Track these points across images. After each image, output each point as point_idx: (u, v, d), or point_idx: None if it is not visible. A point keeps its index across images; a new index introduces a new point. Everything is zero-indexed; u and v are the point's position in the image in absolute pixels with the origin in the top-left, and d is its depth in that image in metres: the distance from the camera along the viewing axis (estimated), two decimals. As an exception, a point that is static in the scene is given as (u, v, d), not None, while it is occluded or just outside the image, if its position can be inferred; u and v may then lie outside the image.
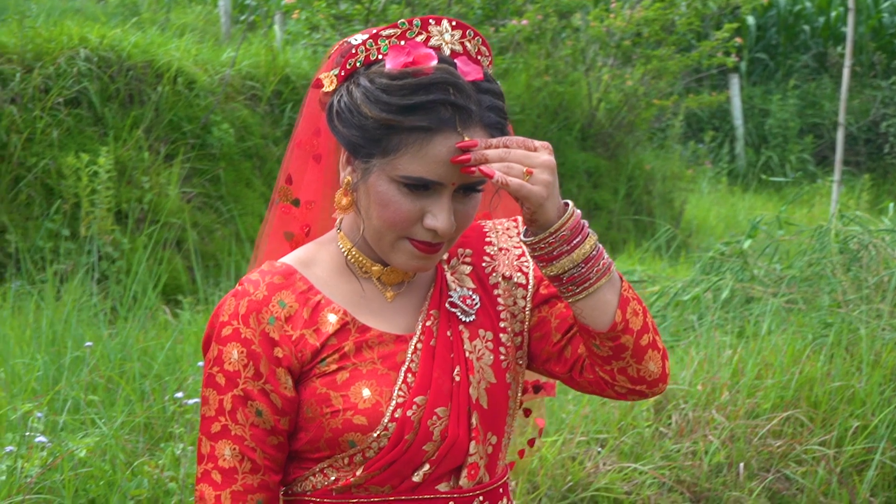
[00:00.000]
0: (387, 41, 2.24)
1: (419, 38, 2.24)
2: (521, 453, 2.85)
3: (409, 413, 2.25)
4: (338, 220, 2.39)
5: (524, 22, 11.51)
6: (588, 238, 2.23)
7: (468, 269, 2.43)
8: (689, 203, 13.83)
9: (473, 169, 2.15)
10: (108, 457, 4.08)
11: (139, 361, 5.17)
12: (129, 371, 5.01)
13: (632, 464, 4.91)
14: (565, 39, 12.48)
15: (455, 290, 2.39)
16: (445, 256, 2.43)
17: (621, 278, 2.30)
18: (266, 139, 10.28)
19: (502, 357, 2.37)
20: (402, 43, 2.24)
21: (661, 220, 12.11)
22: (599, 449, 4.91)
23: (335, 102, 2.27)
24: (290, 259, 2.35)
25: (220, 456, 2.26)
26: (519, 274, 2.44)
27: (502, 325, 2.40)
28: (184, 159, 9.36)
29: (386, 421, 2.24)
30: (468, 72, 2.22)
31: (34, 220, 8.43)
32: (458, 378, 2.31)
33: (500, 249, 2.47)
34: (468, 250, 2.45)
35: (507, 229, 2.49)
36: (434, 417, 2.27)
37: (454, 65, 2.22)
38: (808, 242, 7.50)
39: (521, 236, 2.26)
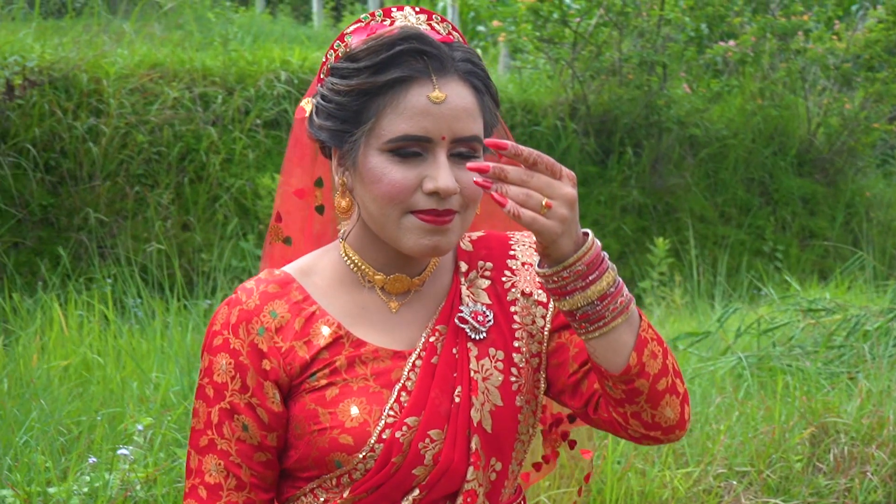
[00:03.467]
0: (352, 35, 2.17)
1: (384, 24, 2.19)
2: (580, 492, 2.70)
3: (397, 434, 2.13)
4: (341, 231, 2.30)
5: (731, 43, 11.22)
6: (606, 273, 2.05)
7: (486, 283, 2.30)
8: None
9: (490, 186, 1.96)
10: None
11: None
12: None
13: (775, 499, 4.65)
14: (782, 62, 12.10)
15: (467, 304, 2.26)
16: (465, 269, 2.30)
17: (641, 316, 2.12)
18: (466, 162, 10.23)
19: (513, 378, 2.22)
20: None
21: (881, 249, 11.62)
22: (734, 482, 4.67)
23: (313, 106, 2.20)
24: (291, 267, 2.27)
25: (207, 471, 2.19)
26: (540, 291, 2.30)
27: (517, 344, 2.26)
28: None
29: (372, 441, 2.13)
30: (435, 36, 2.15)
31: (228, 239, 8.57)
32: (458, 399, 2.17)
33: (524, 264, 2.33)
34: (489, 263, 2.32)
35: (534, 243, 2.34)
36: (427, 440, 2.15)
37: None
38: None
39: (535, 266, 2.11)
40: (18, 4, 9.68)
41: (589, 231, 2.05)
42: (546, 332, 2.28)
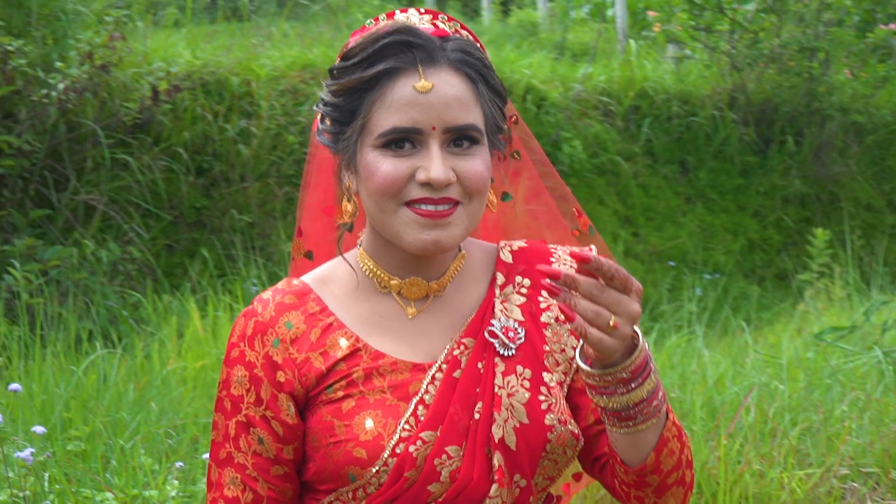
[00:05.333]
0: (352, 38, 2.17)
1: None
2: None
3: (411, 449, 2.09)
4: (359, 238, 2.27)
5: (892, 26, 10.86)
6: (648, 380, 2.02)
7: (521, 300, 2.25)
8: None
9: (559, 293, 1.92)
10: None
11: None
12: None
13: (898, 501, 4.47)
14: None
15: (499, 319, 2.20)
16: (501, 281, 2.24)
17: (668, 413, 2.09)
18: (620, 155, 10.12)
19: (542, 398, 2.15)
20: None
21: None
22: (855, 484, 4.50)
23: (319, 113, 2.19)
24: (310, 276, 2.26)
25: (226, 484, 2.19)
26: None
27: (547, 364, 2.19)
28: (530, 176, 9.31)
29: (386, 455, 2.09)
30: (430, 30, 2.11)
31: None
32: (478, 415, 2.12)
33: None
34: (527, 280, 2.27)
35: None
36: (443, 456, 2.10)
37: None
38: None
39: (577, 356, 2.06)
40: (170, 11, 9.87)
41: (640, 333, 2.00)
42: (574, 365, 2.21)
